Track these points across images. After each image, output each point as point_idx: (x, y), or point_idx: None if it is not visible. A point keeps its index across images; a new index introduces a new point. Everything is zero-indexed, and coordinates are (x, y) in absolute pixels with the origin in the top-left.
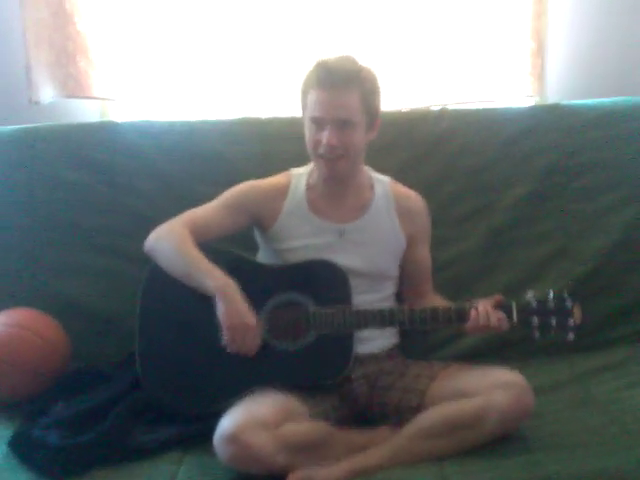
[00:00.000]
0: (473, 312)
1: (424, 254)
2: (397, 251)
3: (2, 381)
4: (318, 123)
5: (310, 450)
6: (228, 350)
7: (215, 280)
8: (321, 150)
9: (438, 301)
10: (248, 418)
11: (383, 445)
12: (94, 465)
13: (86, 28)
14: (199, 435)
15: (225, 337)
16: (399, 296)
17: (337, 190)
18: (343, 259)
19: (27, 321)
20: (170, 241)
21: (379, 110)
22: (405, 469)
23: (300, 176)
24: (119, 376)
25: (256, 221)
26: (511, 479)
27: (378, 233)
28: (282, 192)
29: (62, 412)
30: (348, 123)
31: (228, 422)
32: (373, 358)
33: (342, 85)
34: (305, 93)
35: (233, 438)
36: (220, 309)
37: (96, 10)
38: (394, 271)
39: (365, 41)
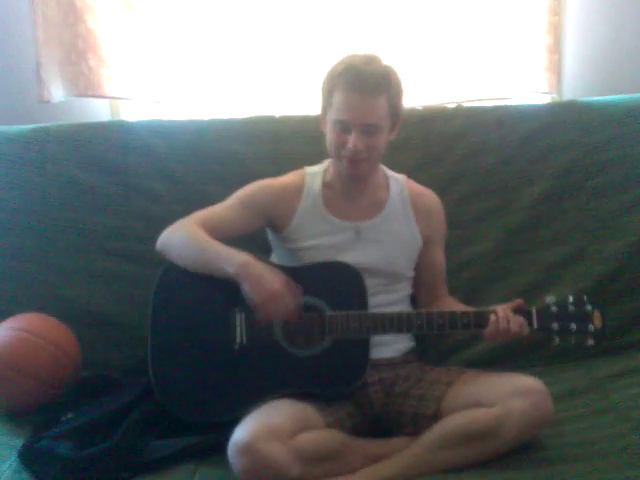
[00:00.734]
0: (492, 317)
1: (439, 255)
2: (413, 250)
3: (12, 389)
4: (344, 126)
5: (325, 460)
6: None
7: (232, 261)
8: (345, 152)
9: (455, 305)
10: (262, 428)
11: (400, 455)
12: (105, 477)
13: (97, 26)
14: (213, 445)
15: (259, 314)
16: (414, 299)
17: (354, 189)
18: (359, 257)
19: (38, 328)
20: (182, 232)
21: (402, 111)
22: None
23: (315, 175)
24: (130, 384)
25: (270, 221)
26: None
27: (394, 231)
28: (297, 191)
29: (72, 422)
30: (375, 127)
31: (242, 432)
32: (389, 363)
33: (372, 90)
34: (330, 92)
35: (247, 448)
36: (245, 288)
37: (107, 8)
38: (410, 271)
39: (379, 38)
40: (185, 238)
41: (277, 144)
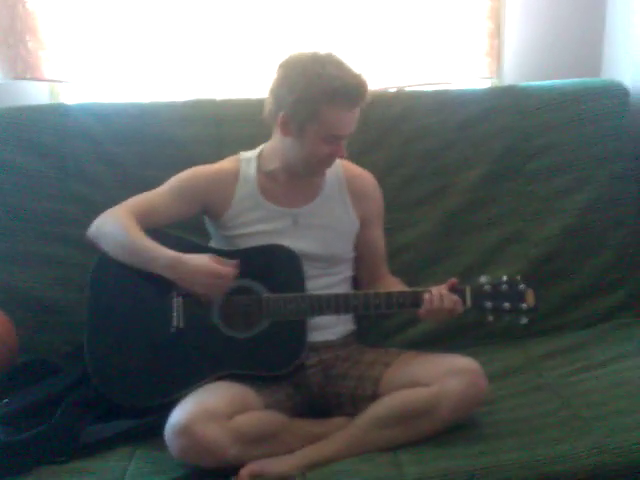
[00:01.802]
0: (427, 295)
1: (378, 235)
2: (351, 232)
3: None
4: (336, 138)
5: (263, 441)
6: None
7: (159, 262)
8: (328, 160)
9: (395, 284)
10: (199, 409)
11: (338, 435)
12: (41, 462)
13: (35, 7)
14: (151, 429)
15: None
16: (356, 280)
17: (292, 176)
18: (297, 244)
19: None
20: (114, 225)
21: None
22: (360, 459)
23: (249, 161)
24: (68, 368)
25: (206, 208)
26: (466, 467)
27: (331, 215)
28: (233, 178)
29: (8, 407)
30: None
31: (179, 414)
32: (329, 345)
33: (362, 102)
34: (315, 107)
35: (184, 430)
36: (179, 283)
37: None
38: (348, 253)
39: (319, 22)
40: (116, 232)
41: (218, 127)
